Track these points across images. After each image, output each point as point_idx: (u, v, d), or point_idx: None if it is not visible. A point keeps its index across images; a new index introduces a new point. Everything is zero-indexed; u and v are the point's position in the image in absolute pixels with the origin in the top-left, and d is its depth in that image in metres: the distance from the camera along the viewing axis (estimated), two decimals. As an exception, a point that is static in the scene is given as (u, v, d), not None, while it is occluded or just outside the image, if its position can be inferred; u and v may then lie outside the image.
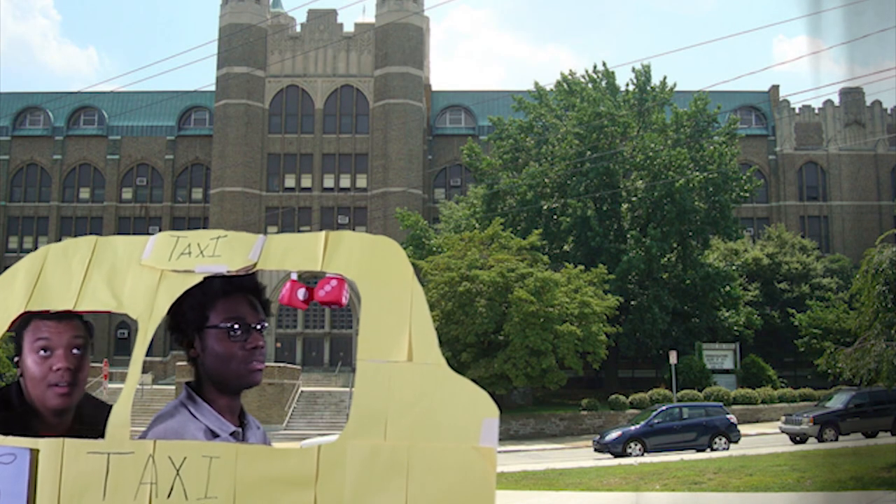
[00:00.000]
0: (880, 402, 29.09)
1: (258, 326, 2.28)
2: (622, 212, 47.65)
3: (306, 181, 62.85)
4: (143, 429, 2.15)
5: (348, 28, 64.24)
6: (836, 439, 28.25)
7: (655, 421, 29.19)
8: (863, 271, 18.12)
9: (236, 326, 2.23)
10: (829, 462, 19.71)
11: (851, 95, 65.52)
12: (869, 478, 15.89)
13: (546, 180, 46.76)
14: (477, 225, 44.86)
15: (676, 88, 49.02)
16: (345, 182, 62.81)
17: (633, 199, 47.23)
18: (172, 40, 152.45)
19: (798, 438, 28.85)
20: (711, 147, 46.83)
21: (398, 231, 50.00)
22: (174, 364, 46.60)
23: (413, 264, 2.09)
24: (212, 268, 2.13)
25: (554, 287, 36.81)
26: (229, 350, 2.22)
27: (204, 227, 62.95)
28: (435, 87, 68.53)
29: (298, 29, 64.17)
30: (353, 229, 61.10)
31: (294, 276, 2.25)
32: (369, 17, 64.70)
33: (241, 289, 2.27)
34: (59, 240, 58.77)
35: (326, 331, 59.66)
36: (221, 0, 63.46)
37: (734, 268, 48.89)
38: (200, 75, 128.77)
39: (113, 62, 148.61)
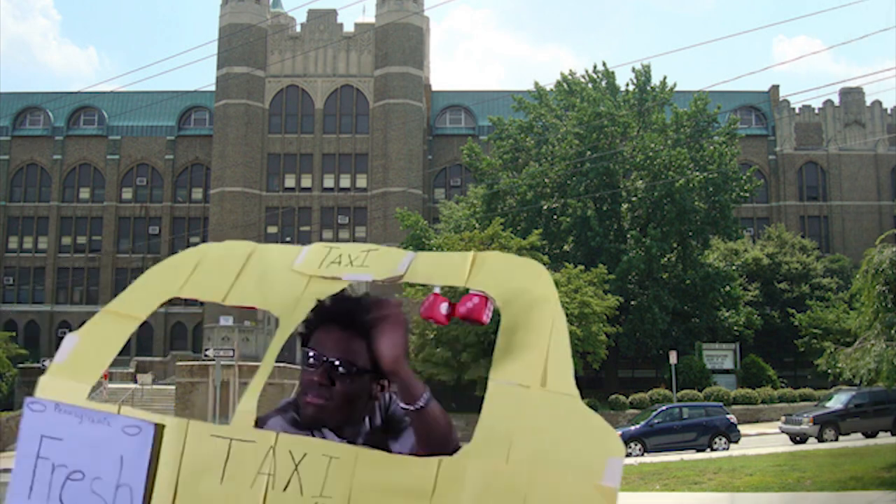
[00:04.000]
0: (880, 402, 29.11)
1: (332, 361, 2.24)
2: (622, 212, 47.63)
3: (306, 181, 62.86)
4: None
5: (348, 28, 64.25)
6: (836, 439, 28.24)
7: (655, 421, 29.19)
8: (863, 271, 18.08)
9: (310, 356, 2.27)
10: (829, 462, 19.66)
11: (851, 95, 65.54)
12: (869, 478, 15.87)
13: (546, 180, 46.75)
14: (477, 225, 44.82)
15: (676, 88, 49.02)
16: (345, 182, 62.82)
17: (633, 199, 47.22)
18: (172, 40, 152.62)
19: (798, 438, 28.84)
20: (711, 147, 46.82)
21: (398, 231, 49.97)
22: (174, 364, 46.56)
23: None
24: (358, 276, 2.17)
25: (554, 287, 36.76)
26: (301, 376, 2.30)
27: (204, 228, 62.98)
28: (435, 87, 68.54)
29: (298, 29, 64.16)
30: (353, 229, 61.25)
31: (437, 290, 2.26)
32: (369, 17, 64.72)
33: (336, 321, 2.25)
34: (60, 240, 58.25)
35: (326, 331, 59.61)
36: (221, 0, 63.47)
37: (734, 268, 48.88)
38: (200, 75, 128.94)
39: (113, 62, 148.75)
